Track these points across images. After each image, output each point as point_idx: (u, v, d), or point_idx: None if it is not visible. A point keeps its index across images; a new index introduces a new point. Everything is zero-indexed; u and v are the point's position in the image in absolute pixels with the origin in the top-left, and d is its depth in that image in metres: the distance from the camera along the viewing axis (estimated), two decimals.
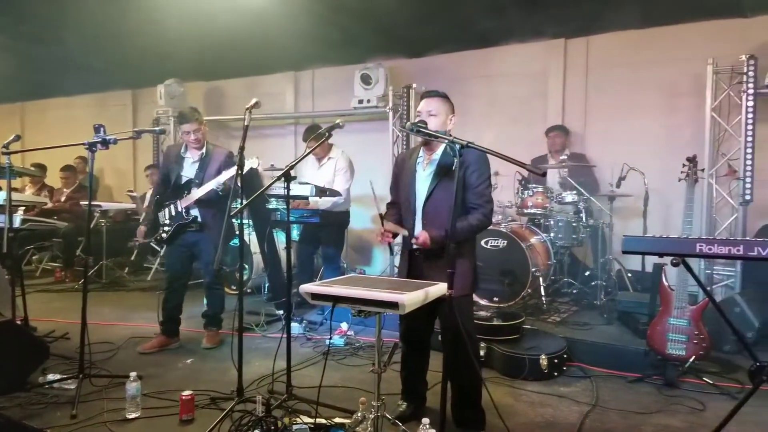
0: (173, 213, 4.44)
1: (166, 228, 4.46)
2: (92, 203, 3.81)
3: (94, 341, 3.63)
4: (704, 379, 3.75)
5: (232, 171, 4.06)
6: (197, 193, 4.33)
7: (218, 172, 4.30)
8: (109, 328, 5.11)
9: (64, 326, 4.93)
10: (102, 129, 3.64)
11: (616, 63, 6.16)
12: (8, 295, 4.36)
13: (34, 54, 7.30)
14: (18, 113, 11.08)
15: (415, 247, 2.99)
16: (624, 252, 2.44)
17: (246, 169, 3.97)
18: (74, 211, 7.49)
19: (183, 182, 4.43)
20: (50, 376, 3.59)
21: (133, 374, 3.23)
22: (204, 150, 4.45)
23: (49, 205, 7.44)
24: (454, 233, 2.47)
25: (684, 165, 4.12)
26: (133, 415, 3.18)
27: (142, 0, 5.22)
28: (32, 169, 7.72)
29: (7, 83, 9.14)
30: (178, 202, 4.40)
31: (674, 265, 2.32)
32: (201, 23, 5.76)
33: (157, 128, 4.59)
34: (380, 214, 3.07)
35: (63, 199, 7.67)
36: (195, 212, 4.41)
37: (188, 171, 4.44)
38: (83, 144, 3.61)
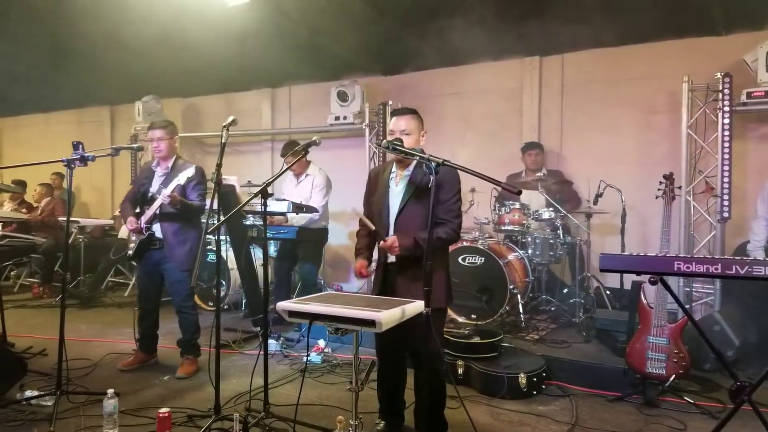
0: None
1: (131, 245, 4.35)
2: (70, 219, 3.75)
3: (71, 358, 3.70)
4: (684, 398, 3.74)
5: (175, 183, 3.98)
6: (152, 207, 4.19)
7: (182, 187, 4.15)
8: (87, 344, 5.06)
9: (42, 342, 4.86)
10: (80, 146, 3.64)
11: (592, 80, 6.24)
12: None
13: (11, 70, 7.23)
14: None
15: (389, 260, 3.01)
16: (602, 270, 2.44)
17: (183, 181, 3.94)
18: (49, 222, 7.37)
19: (148, 197, 4.29)
20: (28, 393, 3.61)
21: (110, 391, 3.21)
22: (171, 164, 4.31)
23: (26, 215, 7.32)
24: (428, 250, 2.47)
25: (661, 182, 4.14)
26: None
27: (120, 18, 5.19)
28: (10, 185, 7.61)
29: None
30: (142, 217, 4.25)
31: (652, 283, 2.32)
32: (178, 40, 5.74)
33: (135, 145, 4.54)
34: (360, 218, 3.14)
35: (38, 212, 7.54)
36: (155, 227, 4.24)
37: (154, 185, 4.30)
38: (62, 161, 3.58)
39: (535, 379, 3.93)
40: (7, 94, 8.61)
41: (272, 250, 5.98)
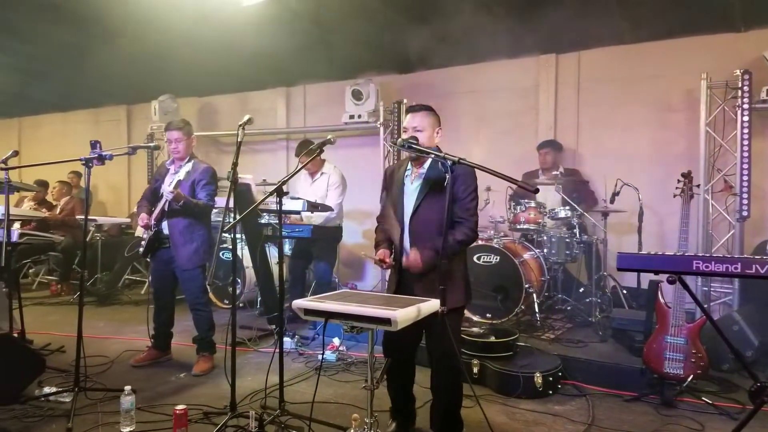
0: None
1: (142, 242, 4.39)
2: (87, 217, 3.80)
3: (88, 354, 3.71)
4: (703, 398, 3.69)
5: (176, 179, 4.04)
6: (160, 204, 4.22)
7: (192, 186, 4.22)
8: (104, 341, 5.12)
9: (60, 339, 4.92)
10: (98, 145, 3.67)
11: (609, 78, 6.18)
12: (5, 308, 4.38)
13: (30, 69, 7.35)
14: (15, 128, 11.12)
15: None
16: (619, 269, 2.42)
17: (182, 176, 3.95)
18: (68, 222, 7.46)
19: (160, 194, 4.31)
20: (46, 389, 3.66)
21: (127, 388, 3.25)
22: (185, 163, 4.34)
23: (47, 214, 7.42)
24: (443, 249, 2.46)
25: (679, 181, 4.10)
26: (127, 429, 3.20)
27: (136, 18, 5.24)
28: (30, 184, 7.71)
29: (4, 99, 9.19)
30: (152, 214, 4.29)
31: (670, 282, 2.30)
32: (194, 40, 5.80)
33: (151, 144, 4.57)
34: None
35: (57, 211, 7.64)
36: (163, 225, 4.27)
37: (166, 183, 4.32)
38: (80, 159, 3.62)
39: (551, 379, 3.91)
40: (27, 93, 8.76)
41: (287, 248, 6.00)
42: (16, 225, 5.37)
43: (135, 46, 6.04)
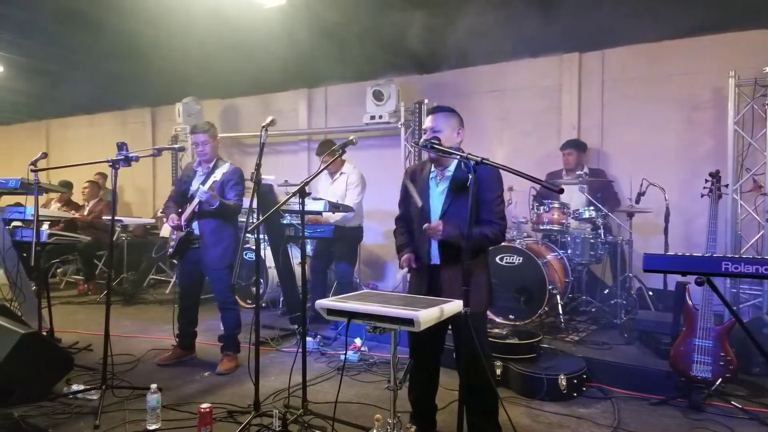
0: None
1: (171, 243, 4.46)
2: (114, 218, 3.86)
3: (115, 353, 3.75)
4: (732, 402, 3.61)
5: (212, 180, 4.10)
6: (191, 206, 4.29)
7: (221, 187, 4.28)
8: (130, 340, 5.20)
9: (87, 338, 5.02)
10: (125, 147, 3.72)
11: (633, 76, 6.10)
12: (35, 307, 4.47)
13: (60, 74, 7.52)
14: (43, 130, 11.36)
15: (433, 262, 2.97)
16: (645, 270, 2.37)
17: (219, 177, 4.01)
18: (97, 224, 7.60)
19: (188, 195, 4.40)
20: (74, 387, 3.73)
21: (153, 386, 3.30)
22: (212, 164, 4.40)
23: (76, 215, 7.57)
24: (467, 247, 2.44)
25: (706, 180, 4.02)
26: (153, 427, 3.24)
27: (160, 22, 5.31)
28: (56, 185, 7.86)
29: (33, 102, 9.41)
30: (182, 216, 4.35)
31: (699, 284, 2.25)
32: (216, 43, 5.87)
33: (176, 146, 4.64)
34: (404, 183, 3.12)
35: (86, 213, 7.78)
36: (194, 226, 4.34)
37: (195, 184, 4.39)
38: (107, 161, 3.69)
39: (575, 381, 3.87)
40: (56, 96, 8.95)
41: (308, 249, 6.03)
42: (45, 225, 5.49)
43: (159, 50, 6.12)
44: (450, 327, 2.95)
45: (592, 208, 5.35)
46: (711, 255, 2.35)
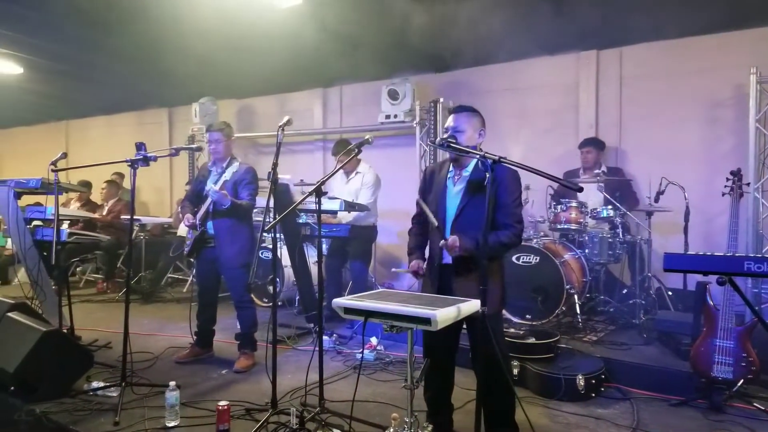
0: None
1: (188, 242, 4.50)
2: (133, 217, 3.91)
3: (134, 351, 3.80)
4: (754, 404, 3.55)
5: (222, 180, 4.15)
6: (204, 205, 4.33)
7: (234, 186, 4.30)
8: (148, 338, 5.25)
9: (107, 335, 5.10)
10: (143, 147, 3.76)
11: (652, 74, 6.02)
12: (55, 305, 4.54)
13: (80, 75, 7.62)
14: (63, 131, 11.51)
15: (444, 261, 2.96)
16: (666, 270, 2.34)
17: (229, 176, 4.03)
18: (116, 224, 7.70)
19: (204, 195, 4.41)
20: (94, 384, 3.78)
21: (172, 384, 3.33)
22: (226, 164, 4.42)
23: (96, 215, 7.67)
24: (485, 248, 2.42)
25: (728, 179, 3.97)
26: (172, 424, 3.28)
27: (177, 23, 5.35)
28: (76, 185, 7.97)
29: (54, 103, 9.54)
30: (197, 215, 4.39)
31: (720, 284, 2.22)
32: (233, 43, 5.90)
33: (193, 146, 4.68)
34: (417, 201, 3.14)
35: (105, 212, 7.88)
36: (208, 225, 4.38)
37: (209, 184, 4.41)
38: (126, 161, 3.73)
39: (593, 381, 3.83)
40: (75, 98, 9.07)
41: (324, 248, 6.04)
42: (65, 225, 5.56)
43: (176, 51, 6.18)
44: (465, 326, 2.94)
45: (610, 207, 5.29)
46: (732, 254, 2.31)
